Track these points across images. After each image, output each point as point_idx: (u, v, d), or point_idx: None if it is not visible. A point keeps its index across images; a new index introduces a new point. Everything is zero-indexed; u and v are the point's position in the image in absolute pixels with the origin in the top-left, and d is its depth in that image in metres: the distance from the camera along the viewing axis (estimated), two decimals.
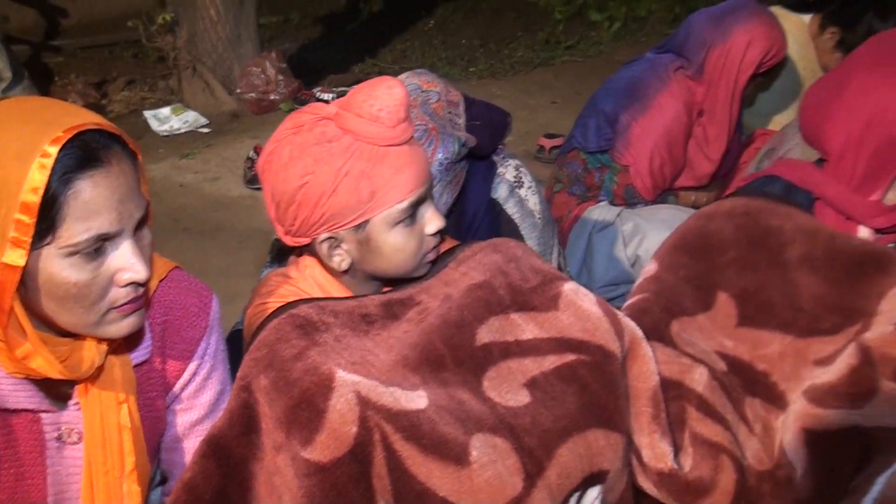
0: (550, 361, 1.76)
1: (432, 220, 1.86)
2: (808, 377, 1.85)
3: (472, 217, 2.43)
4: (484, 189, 2.45)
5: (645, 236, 3.40)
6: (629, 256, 3.43)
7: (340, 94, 5.72)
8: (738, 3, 3.55)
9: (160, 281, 1.73)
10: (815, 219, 2.10)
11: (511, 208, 2.46)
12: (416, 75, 2.48)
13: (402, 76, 2.49)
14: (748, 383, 1.92)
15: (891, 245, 2.22)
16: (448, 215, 2.33)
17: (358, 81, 6.12)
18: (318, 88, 5.84)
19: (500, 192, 2.46)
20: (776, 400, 1.89)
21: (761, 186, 2.31)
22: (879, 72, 2.19)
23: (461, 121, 2.39)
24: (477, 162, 2.46)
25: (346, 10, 8.78)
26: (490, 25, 8.27)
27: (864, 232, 2.22)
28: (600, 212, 3.54)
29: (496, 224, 2.44)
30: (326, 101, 5.53)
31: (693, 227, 2.10)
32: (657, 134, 3.50)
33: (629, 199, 3.55)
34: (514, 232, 2.45)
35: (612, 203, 3.57)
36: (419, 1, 8.93)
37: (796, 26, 3.93)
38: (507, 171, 2.48)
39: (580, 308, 1.83)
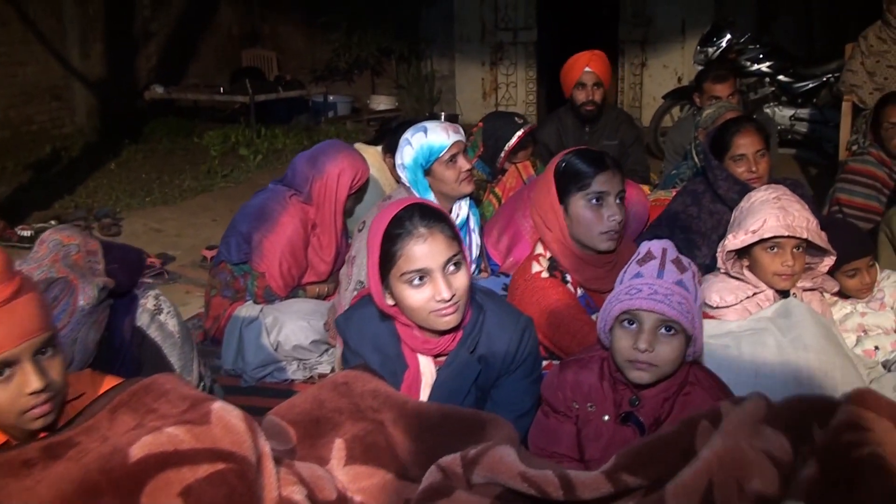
0: (204, 469, 1.50)
1: (28, 382, 1.45)
2: None
3: (120, 346, 2.11)
4: (128, 320, 2.14)
5: (283, 326, 3.22)
6: (272, 342, 3.22)
7: (38, 230, 5.10)
8: (328, 144, 3.55)
9: None
10: (396, 391, 1.97)
11: (153, 333, 2.16)
12: (59, 231, 2.12)
13: (47, 233, 2.12)
14: None
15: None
16: (98, 350, 2.00)
17: (57, 216, 5.62)
18: (20, 227, 5.14)
19: (143, 321, 2.16)
20: None
21: (362, 305, 2.16)
22: None
23: (100, 266, 2.06)
24: (120, 298, 2.14)
25: (51, 157, 7.98)
26: (165, 162, 7.78)
27: (423, 360, 2.09)
28: (247, 310, 3.32)
29: (141, 349, 2.14)
30: (27, 237, 4.98)
31: (313, 397, 1.91)
32: (282, 245, 3.34)
33: (268, 298, 3.34)
34: (157, 353, 2.15)
35: (256, 302, 3.34)
36: (108, 146, 8.29)
37: (373, 155, 3.94)
38: (148, 301, 2.18)
39: (229, 423, 1.59)
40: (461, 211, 3.17)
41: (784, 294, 2.59)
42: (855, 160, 4.15)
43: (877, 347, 2.95)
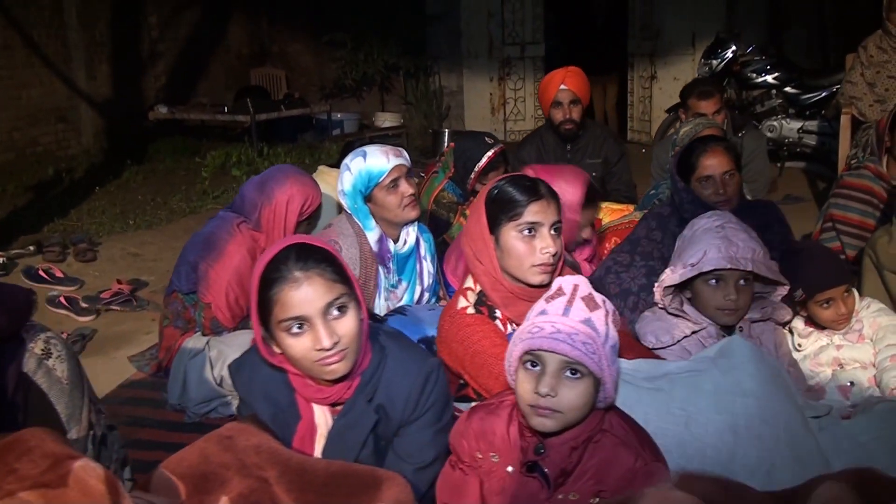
0: None
1: None
2: None
3: (5, 395, 1.97)
4: (14, 368, 1.99)
5: (227, 359, 3.04)
6: (216, 377, 3.08)
7: (13, 257, 5.00)
8: (277, 169, 3.38)
9: None
10: (281, 447, 1.81)
11: (40, 379, 2.01)
12: None
13: None
14: None
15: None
16: None
17: (37, 242, 5.52)
18: None
19: (29, 366, 2.01)
20: None
21: (255, 350, 2.00)
22: None
23: None
24: (5, 344, 2.00)
25: (53, 179, 7.93)
26: (164, 183, 7.68)
27: (318, 410, 1.92)
28: (193, 342, 3.19)
29: (27, 397, 2.00)
30: None
31: (199, 450, 1.79)
32: (229, 275, 3.19)
33: (215, 329, 3.21)
34: (43, 401, 2.01)
35: (204, 333, 3.21)
36: (112, 167, 8.24)
37: (334, 177, 3.77)
38: (37, 344, 2.04)
39: (87, 484, 1.45)
40: (409, 237, 3.01)
41: (730, 330, 2.40)
42: (850, 174, 3.89)
43: (852, 383, 2.73)
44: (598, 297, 1.79)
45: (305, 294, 1.74)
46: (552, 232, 2.22)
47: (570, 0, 9.69)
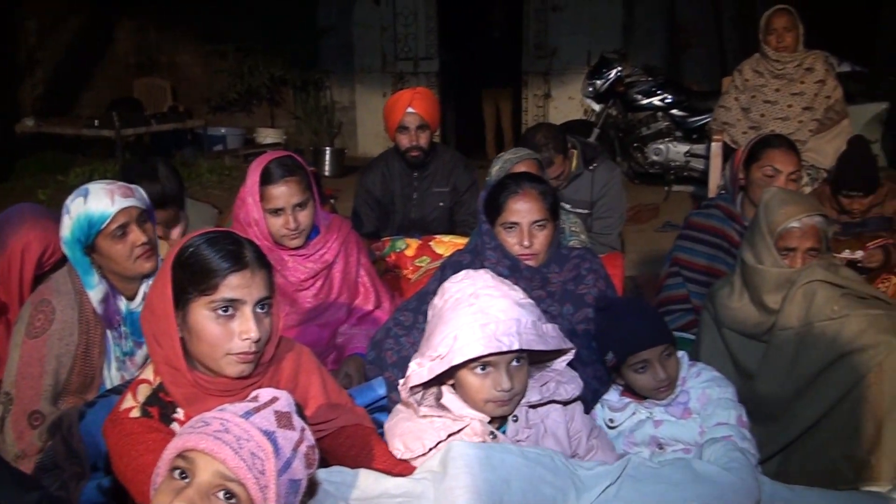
0: None
1: None
2: None
3: None
4: None
5: None
6: None
7: None
8: (15, 211, 2.81)
9: None
10: None
11: None
12: None
13: None
14: None
15: None
16: None
17: None
18: None
19: None
20: None
21: None
22: None
23: None
24: None
25: None
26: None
27: None
28: None
29: None
30: None
31: None
32: None
33: None
34: None
35: None
36: None
37: None
38: None
39: None
40: None
41: (503, 420, 1.92)
42: (699, 214, 3.47)
43: None
44: (298, 423, 1.35)
45: None
46: (258, 310, 1.72)
47: (465, 15, 9.30)
